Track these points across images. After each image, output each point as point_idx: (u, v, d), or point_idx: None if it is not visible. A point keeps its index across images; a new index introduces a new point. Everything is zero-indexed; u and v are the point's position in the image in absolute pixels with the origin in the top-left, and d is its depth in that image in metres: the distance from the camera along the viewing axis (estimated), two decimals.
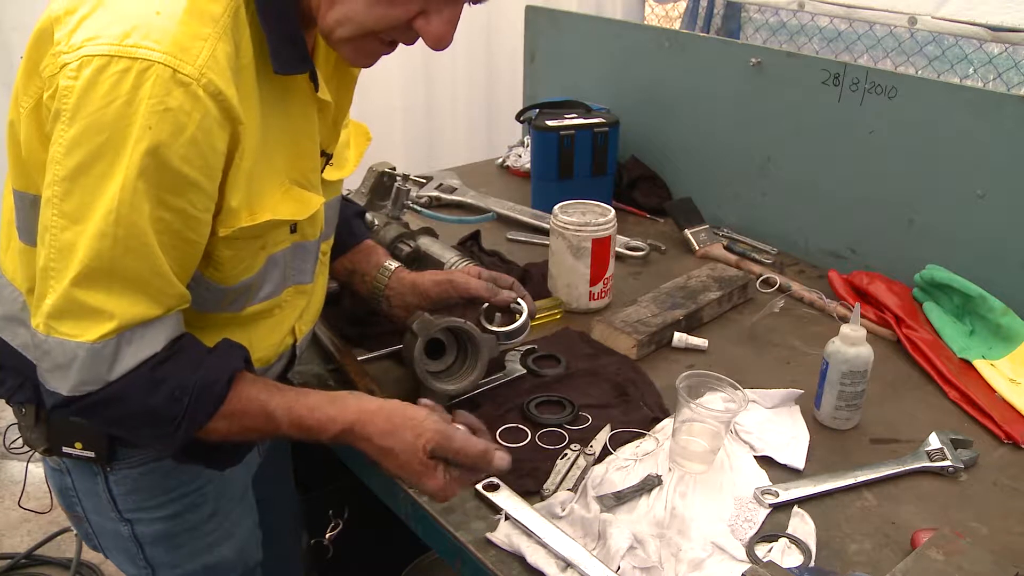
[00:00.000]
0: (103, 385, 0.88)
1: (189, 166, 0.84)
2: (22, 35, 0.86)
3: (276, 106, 0.95)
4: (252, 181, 0.93)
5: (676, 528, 1.03)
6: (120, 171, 0.82)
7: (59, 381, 0.88)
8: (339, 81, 1.11)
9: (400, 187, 1.71)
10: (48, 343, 0.87)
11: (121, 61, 0.80)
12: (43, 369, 0.90)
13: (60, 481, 1.13)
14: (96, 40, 0.81)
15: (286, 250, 1.04)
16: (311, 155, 1.04)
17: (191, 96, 0.82)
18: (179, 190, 0.85)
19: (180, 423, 0.91)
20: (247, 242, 0.97)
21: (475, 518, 1.05)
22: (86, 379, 0.88)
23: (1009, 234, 1.50)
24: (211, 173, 0.87)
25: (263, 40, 0.91)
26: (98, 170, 0.82)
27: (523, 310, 1.28)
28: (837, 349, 1.22)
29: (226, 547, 1.19)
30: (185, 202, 0.87)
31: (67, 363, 0.87)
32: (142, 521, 1.11)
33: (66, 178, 0.83)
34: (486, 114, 3.21)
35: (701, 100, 1.96)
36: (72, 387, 0.88)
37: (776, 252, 1.84)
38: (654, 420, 1.23)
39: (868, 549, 1.02)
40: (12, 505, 2.54)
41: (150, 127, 0.81)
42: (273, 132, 0.95)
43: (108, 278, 0.86)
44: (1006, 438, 1.24)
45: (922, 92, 1.57)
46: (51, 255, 0.85)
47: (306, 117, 1.01)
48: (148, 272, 0.87)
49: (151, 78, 0.80)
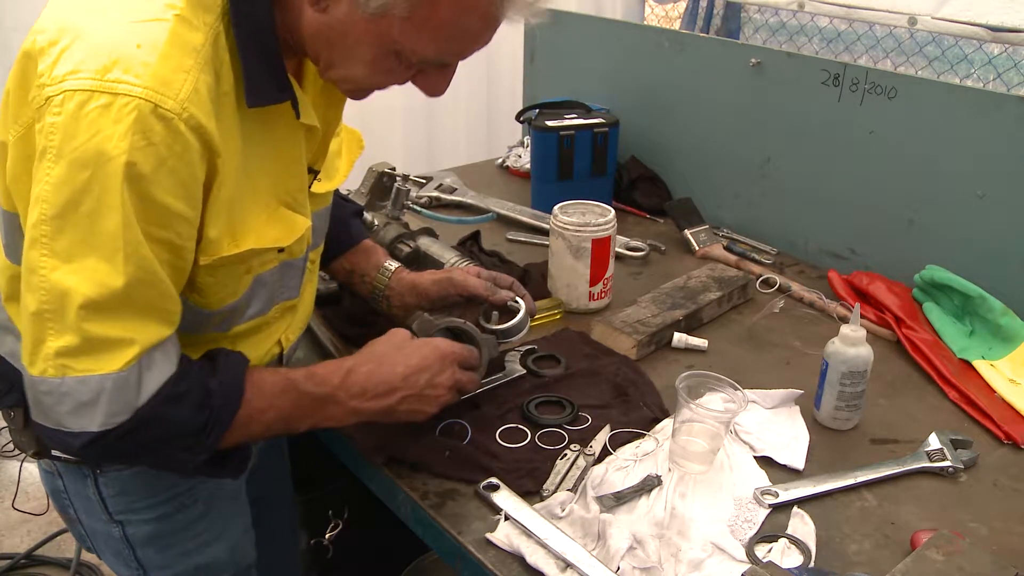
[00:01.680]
0: (133, 412, 0.87)
1: (173, 198, 0.84)
2: (22, 35, 0.85)
3: (259, 131, 0.94)
4: (233, 209, 0.93)
5: (676, 528, 1.03)
6: (113, 205, 0.81)
7: (86, 419, 0.86)
8: (328, 99, 1.10)
9: (400, 187, 1.71)
10: (65, 384, 0.85)
11: (103, 96, 0.79)
12: (62, 412, 0.86)
13: (52, 483, 1.13)
14: (77, 74, 0.80)
15: (273, 270, 1.03)
16: (298, 175, 1.03)
17: (172, 131, 0.82)
18: (165, 222, 0.85)
19: (210, 429, 0.93)
20: (230, 268, 0.97)
21: (475, 518, 1.05)
22: (116, 410, 0.86)
23: (1009, 234, 1.50)
24: (194, 203, 0.87)
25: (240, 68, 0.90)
26: (87, 207, 0.81)
27: (521, 307, 1.28)
28: (837, 349, 1.22)
29: (218, 547, 1.19)
30: (172, 233, 0.87)
31: (93, 399, 0.86)
32: (132, 522, 1.11)
33: (55, 216, 0.82)
34: (486, 114, 3.21)
35: (701, 100, 1.96)
36: (102, 421, 0.86)
37: (776, 252, 1.84)
38: (654, 420, 1.23)
39: (868, 549, 1.02)
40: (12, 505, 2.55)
41: (134, 163, 0.80)
42: (255, 158, 0.95)
43: (121, 308, 0.85)
44: (1006, 438, 1.24)
45: (922, 92, 1.57)
46: (44, 298, 0.84)
47: (292, 139, 1.01)
48: (157, 296, 0.88)
49: (132, 113, 0.79)
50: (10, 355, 1.03)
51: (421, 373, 1.09)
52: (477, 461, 1.12)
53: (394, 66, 0.93)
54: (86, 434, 0.87)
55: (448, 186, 2.09)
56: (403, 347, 1.11)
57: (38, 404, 0.88)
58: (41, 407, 0.88)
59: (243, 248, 0.95)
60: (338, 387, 1.04)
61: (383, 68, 0.93)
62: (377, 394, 1.06)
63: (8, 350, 1.03)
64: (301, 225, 1.03)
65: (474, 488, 1.09)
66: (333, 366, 1.06)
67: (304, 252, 1.09)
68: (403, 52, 0.91)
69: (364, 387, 1.06)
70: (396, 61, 0.92)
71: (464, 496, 1.08)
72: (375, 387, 1.06)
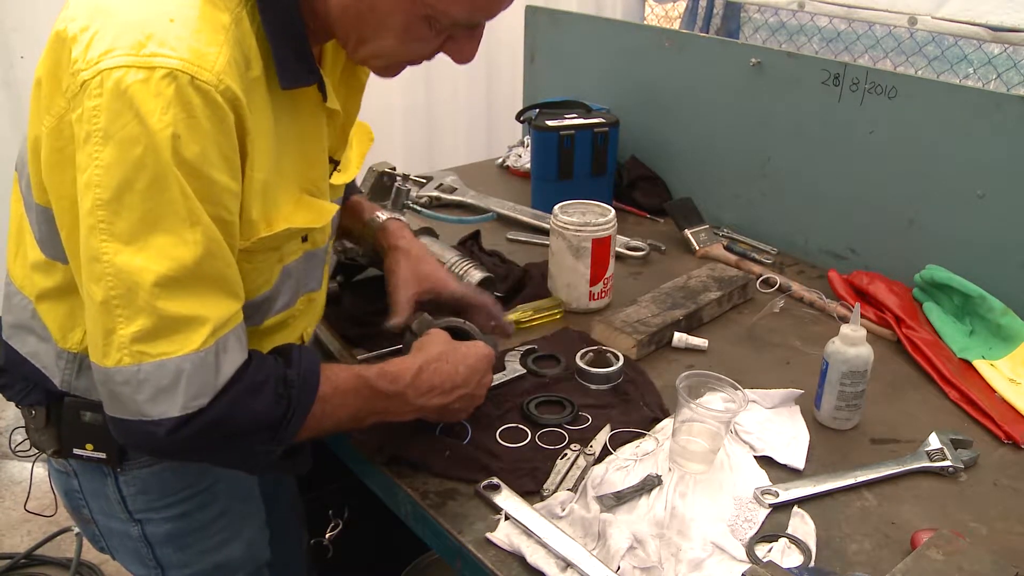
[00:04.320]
0: (214, 394, 0.86)
1: (219, 171, 0.84)
2: (22, 35, 0.85)
3: (287, 117, 0.95)
4: (267, 193, 0.93)
5: (676, 528, 1.03)
6: (168, 177, 0.81)
7: (166, 404, 0.85)
8: (347, 89, 1.11)
9: (400, 187, 1.71)
10: (143, 371, 0.84)
11: (140, 71, 0.79)
12: (141, 401, 0.85)
13: (66, 483, 1.13)
14: (112, 52, 0.80)
15: (298, 260, 1.04)
16: (321, 163, 1.04)
17: (211, 103, 0.82)
18: (215, 198, 0.85)
19: (288, 421, 0.92)
20: (265, 255, 0.97)
21: (475, 518, 1.05)
22: (196, 392, 0.85)
23: (1009, 234, 1.50)
24: (237, 176, 0.87)
25: (270, 53, 0.91)
26: (142, 183, 0.81)
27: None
28: (837, 349, 1.22)
29: (235, 545, 1.19)
30: (223, 209, 0.87)
31: (173, 382, 0.85)
32: (152, 521, 1.11)
33: (111, 199, 0.81)
34: (486, 114, 3.21)
35: (701, 100, 1.96)
36: (184, 404, 0.85)
37: (776, 252, 1.84)
38: (654, 420, 1.23)
39: (868, 549, 1.02)
40: (12, 505, 2.54)
41: (179, 136, 0.80)
42: (285, 144, 0.95)
43: (194, 282, 0.84)
44: (1006, 438, 1.24)
45: (922, 92, 1.57)
46: (110, 284, 0.82)
47: (316, 126, 1.02)
48: (224, 267, 0.87)
49: (171, 86, 0.80)
50: (32, 355, 1.03)
51: (475, 373, 1.13)
52: (477, 461, 1.12)
53: (425, 33, 0.93)
54: (168, 420, 0.85)
55: (448, 186, 2.09)
56: (458, 348, 1.14)
57: (115, 397, 0.86)
58: (118, 400, 0.86)
59: (277, 230, 0.95)
60: (409, 385, 1.06)
61: (415, 36, 0.93)
62: (443, 391, 1.09)
63: (30, 350, 1.03)
64: (329, 209, 1.04)
65: (474, 488, 1.09)
66: (403, 364, 1.09)
67: (326, 243, 1.10)
68: (434, 16, 0.91)
69: (432, 385, 1.08)
70: (427, 28, 0.92)
71: (464, 496, 1.08)
72: (441, 384, 1.09)
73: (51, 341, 1.01)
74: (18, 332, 1.04)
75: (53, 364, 1.02)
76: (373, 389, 1.03)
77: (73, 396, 1.03)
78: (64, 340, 1.00)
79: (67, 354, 1.00)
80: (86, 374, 1.00)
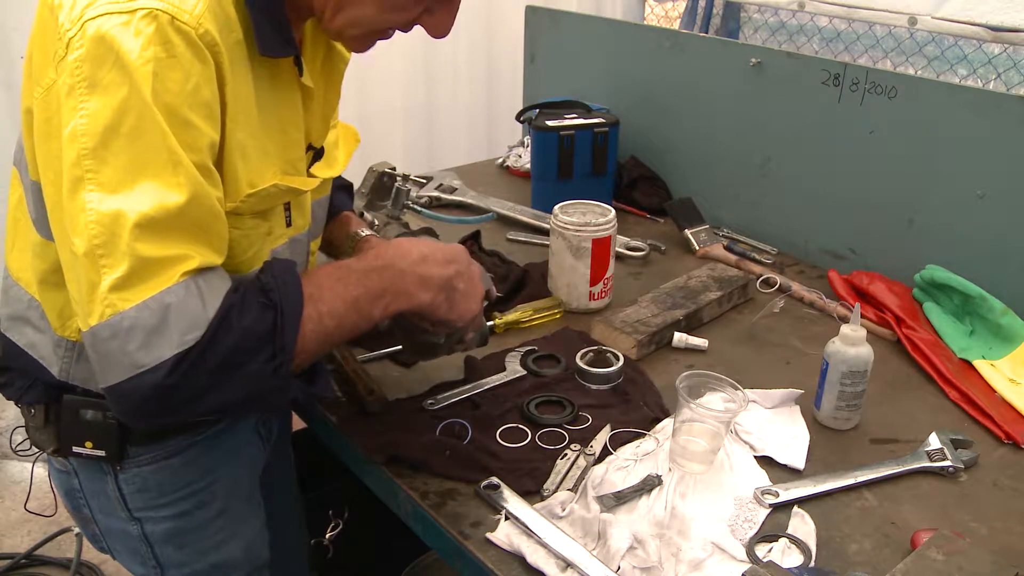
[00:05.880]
0: (207, 326, 0.81)
1: (199, 116, 0.84)
2: (22, 35, 0.86)
3: (266, 90, 0.96)
4: (248, 155, 0.92)
5: (676, 528, 1.03)
6: (153, 118, 0.80)
7: (161, 347, 0.80)
8: (327, 76, 1.12)
9: (400, 187, 1.71)
10: (127, 316, 0.79)
11: (121, 15, 0.79)
12: (133, 351, 0.80)
13: (66, 482, 1.13)
14: (93, 4, 0.80)
15: (284, 245, 1.04)
16: (297, 144, 1.04)
17: (191, 45, 0.82)
18: (196, 144, 0.84)
19: (281, 327, 0.86)
20: (254, 221, 0.96)
21: (475, 518, 1.05)
22: (188, 325, 0.81)
23: (1009, 234, 1.50)
24: (216, 126, 0.87)
25: (249, 22, 0.91)
26: (128, 126, 0.80)
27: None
28: (837, 349, 1.22)
29: (234, 545, 1.19)
30: (205, 157, 0.85)
31: (161, 321, 0.80)
32: (151, 520, 1.11)
33: (97, 146, 0.80)
34: (486, 114, 3.21)
35: (701, 100, 1.96)
36: (178, 342, 0.80)
37: (776, 252, 1.84)
38: (654, 420, 1.23)
39: (868, 549, 1.02)
40: (13, 505, 2.54)
41: (156, 74, 0.80)
42: (267, 115, 0.96)
43: (176, 227, 0.81)
44: (1006, 438, 1.24)
45: (922, 92, 1.57)
46: (94, 231, 0.79)
47: (292, 104, 1.02)
48: (210, 216, 0.85)
49: (152, 25, 0.80)
50: (29, 346, 1.03)
51: (461, 254, 1.08)
52: (477, 461, 1.12)
53: (404, 0, 0.94)
54: (165, 363, 0.80)
55: (448, 186, 2.09)
56: (430, 240, 1.11)
57: (106, 359, 0.81)
58: (110, 360, 0.81)
59: (260, 187, 0.94)
60: (394, 255, 1.01)
61: (394, 2, 0.93)
62: (436, 261, 1.03)
63: (28, 341, 1.02)
64: (308, 183, 1.04)
65: (474, 488, 1.09)
66: (379, 243, 1.05)
67: (307, 228, 1.10)
68: None
69: (422, 253, 1.03)
70: None
71: (464, 496, 1.08)
72: (432, 254, 1.03)
73: (49, 331, 1.00)
74: (15, 324, 1.04)
75: (51, 353, 1.01)
76: (359, 270, 0.97)
77: (72, 393, 1.03)
78: (63, 328, 0.99)
79: (66, 342, 1.00)
80: (85, 362, 0.99)
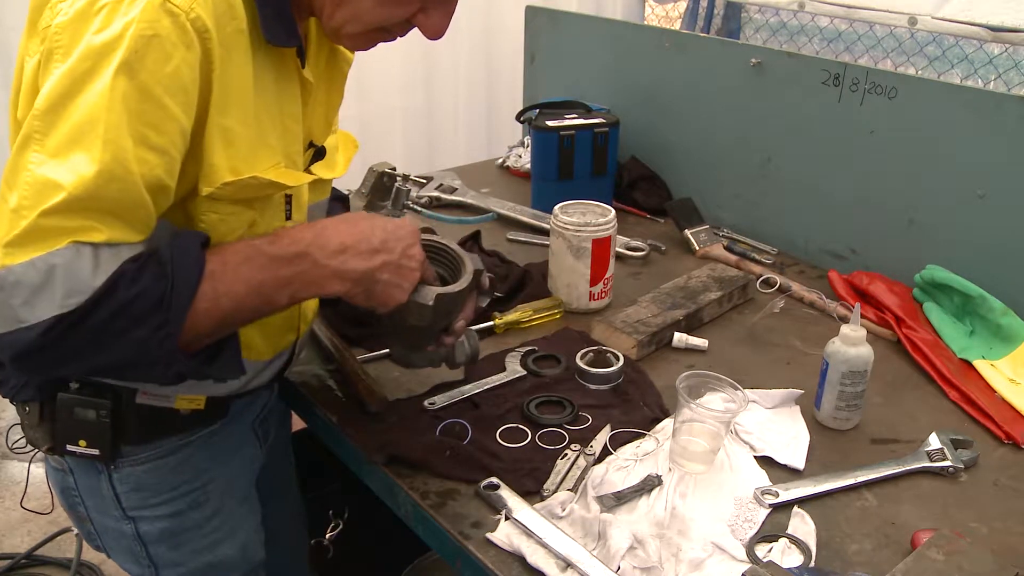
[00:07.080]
0: (91, 292, 0.80)
1: (171, 99, 0.83)
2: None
3: (269, 81, 0.96)
4: (236, 143, 0.92)
5: (676, 528, 1.03)
6: (102, 91, 0.78)
7: (43, 306, 0.79)
8: (330, 75, 1.12)
9: (400, 187, 1.70)
10: (14, 271, 0.78)
11: None
12: (16, 306, 0.79)
13: (62, 481, 1.13)
14: None
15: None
16: (296, 137, 1.04)
17: (179, 27, 0.81)
18: (161, 126, 0.83)
19: (172, 297, 0.83)
20: (234, 208, 0.95)
21: (475, 518, 1.05)
22: (72, 289, 0.79)
23: (1009, 234, 1.50)
24: (190, 112, 0.86)
25: (255, 12, 0.91)
26: (82, 95, 0.79)
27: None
28: (837, 349, 1.22)
29: (229, 545, 1.19)
30: (167, 141, 0.84)
31: (45, 280, 0.78)
32: (145, 519, 1.12)
33: (49, 109, 0.79)
34: (486, 114, 3.21)
35: (701, 100, 1.96)
36: (60, 304, 0.79)
37: (776, 252, 1.84)
38: (654, 420, 1.23)
39: (868, 549, 1.02)
40: (12, 505, 2.54)
41: (135, 51, 0.79)
42: (266, 105, 0.96)
43: (92, 208, 0.80)
44: (1006, 438, 1.24)
45: (922, 92, 1.57)
46: (25, 193, 0.78)
47: (292, 97, 1.02)
48: (127, 201, 0.82)
49: (141, 3, 0.79)
50: None
51: (397, 241, 1.00)
52: (477, 461, 1.12)
53: None
54: (43, 322, 0.79)
55: (448, 186, 2.09)
56: (372, 217, 1.02)
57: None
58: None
59: (243, 176, 0.92)
60: (311, 244, 0.94)
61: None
62: (358, 252, 0.96)
63: None
64: (301, 178, 1.03)
65: (474, 488, 1.09)
66: (303, 225, 0.99)
67: (304, 220, 1.09)
68: None
69: (343, 244, 0.95)
70: None
71: (464, 496, 1.08)
72: (355, 245, 0.96)
73: None
74: None
75: None
76: (269, 255, 0.92)
77: (65, 391, 1.02)
78: None
79: None
80: None
